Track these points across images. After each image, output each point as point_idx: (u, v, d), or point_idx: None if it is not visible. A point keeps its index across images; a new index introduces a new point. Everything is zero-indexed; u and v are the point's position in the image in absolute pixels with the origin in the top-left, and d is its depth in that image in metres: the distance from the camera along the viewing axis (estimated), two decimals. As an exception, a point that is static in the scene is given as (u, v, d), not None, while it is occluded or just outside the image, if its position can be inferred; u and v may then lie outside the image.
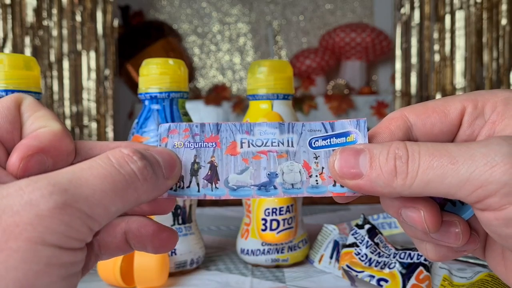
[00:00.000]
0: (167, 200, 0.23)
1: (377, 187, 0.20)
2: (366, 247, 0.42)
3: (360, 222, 0.45)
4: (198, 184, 0.23)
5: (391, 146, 0.20)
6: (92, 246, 0.21)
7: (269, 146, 0.24)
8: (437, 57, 1.82)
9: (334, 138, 0.23)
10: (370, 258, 0.42)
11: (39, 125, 0.19)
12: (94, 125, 1.85)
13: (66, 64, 1.82)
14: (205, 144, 0.24)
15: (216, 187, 0.23)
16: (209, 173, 0.23)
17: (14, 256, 0.14)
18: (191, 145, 0.24)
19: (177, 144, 0.24)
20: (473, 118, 0.22)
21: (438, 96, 1.83)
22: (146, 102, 0.45)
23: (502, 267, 0.23)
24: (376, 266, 0.41)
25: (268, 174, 0.23)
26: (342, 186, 0.22)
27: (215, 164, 0.23)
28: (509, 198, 0.18)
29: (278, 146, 0.24)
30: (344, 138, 0.23)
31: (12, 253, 0.14)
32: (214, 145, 0.24)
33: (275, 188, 0.23)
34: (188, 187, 0.23)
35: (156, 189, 0.20)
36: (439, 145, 0.19)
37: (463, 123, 0.23)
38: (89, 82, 1.84)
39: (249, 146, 0.24)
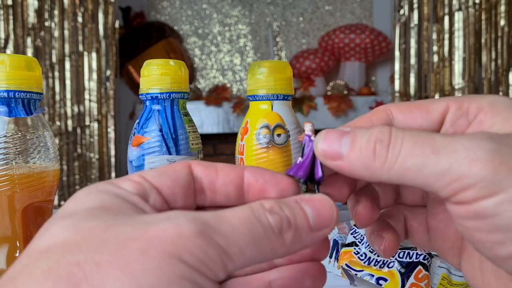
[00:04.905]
0: (317, 247, 0.22)
1: (355, 169, 0.20)
2: (365, 246, 0.43)
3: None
4: None
5: (375, 129, 0.20)
6: None
7: None
8: (435, 58, 1.82)
9: None
10: (369, 257, 0.42)
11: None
12: (95, 125, 1.85)
13: (67, 64, 1.82)
14: None
15: None
16: None
17: (152, 261, 0.16)
18: None
19: None
20: (457, 117, 0.22)
21: (437, 97, 1.84)
22: (147, 103, 0.45)
23: (478, 280, 0.23)
24: (375, 265, 0.41)
25: None
26: None
27: None
28: (482, 193, 0.18)
29: None
30: None
31: (151, 259, 0.16)
32: None
33: None
34: None
35: (297, 242, 0.19)
36: (425, 134, 0.19)
37: (445, 122, 0.23)
38: (90, 83, 1.84)
39: None
